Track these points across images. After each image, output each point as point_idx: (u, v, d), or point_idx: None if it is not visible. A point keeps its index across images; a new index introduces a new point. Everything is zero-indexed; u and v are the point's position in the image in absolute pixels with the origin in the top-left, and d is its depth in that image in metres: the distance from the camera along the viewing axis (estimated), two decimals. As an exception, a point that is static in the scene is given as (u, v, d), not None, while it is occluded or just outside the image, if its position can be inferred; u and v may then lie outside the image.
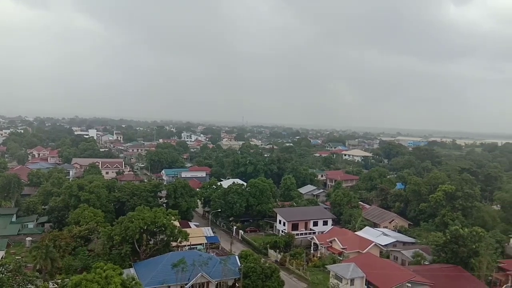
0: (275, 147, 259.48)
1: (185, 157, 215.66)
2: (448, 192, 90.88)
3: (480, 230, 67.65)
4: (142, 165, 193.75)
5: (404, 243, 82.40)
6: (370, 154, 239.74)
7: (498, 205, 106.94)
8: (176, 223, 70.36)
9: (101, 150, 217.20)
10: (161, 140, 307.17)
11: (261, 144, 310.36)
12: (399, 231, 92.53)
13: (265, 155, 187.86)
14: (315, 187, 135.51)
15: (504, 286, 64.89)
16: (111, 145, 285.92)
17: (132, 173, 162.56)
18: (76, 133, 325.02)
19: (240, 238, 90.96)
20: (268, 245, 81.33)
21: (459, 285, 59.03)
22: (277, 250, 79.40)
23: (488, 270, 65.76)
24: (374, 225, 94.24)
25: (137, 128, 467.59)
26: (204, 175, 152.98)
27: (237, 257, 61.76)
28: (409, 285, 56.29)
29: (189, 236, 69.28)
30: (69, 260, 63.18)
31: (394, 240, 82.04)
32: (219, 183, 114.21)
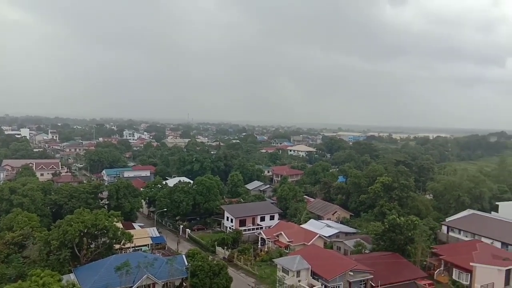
0: (221, 144, 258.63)
1: (127, 156, 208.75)
2: (385, 184, 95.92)
3: (415, 218, 72.11)
4: (81, 166, 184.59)
5: (346, 234, 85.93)
6: (314, 149, 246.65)
7: (431, 195, 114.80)
8: (119, 225, 67.86)
9: (35, 150, 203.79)
10: (101, 139, 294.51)
11: (208, 141, 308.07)
12: (341, 222, 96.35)
13: (212, 152, 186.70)
14: (262, 183, 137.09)
15: (437, 270, 69.88)
16: (46, 145, 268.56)
17: (70, 174, 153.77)
18: (6, 132, 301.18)
19: (187, 237, 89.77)
20: (216, 243, 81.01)
21: (397, 271, 62.67)
22: (225, 247, 79.34)
23: (423, 256, 70.39)
24: (318, 218, 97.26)
25: (75, 127, 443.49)
26: (149, 174, 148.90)
27: (184, 256, 60.85)
28: (352, 273, 58.83)
29: (133, 238, 67.23)
30: (1, 269, 58.53)
31: (337, 231, 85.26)
32: (164, 182, 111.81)
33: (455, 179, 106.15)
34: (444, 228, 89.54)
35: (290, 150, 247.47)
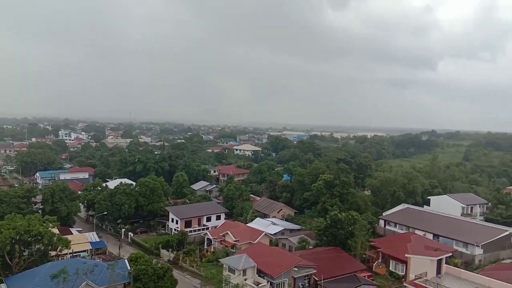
0: (166, 144, 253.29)
1: (63, 157, 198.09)
2: (327, 181, 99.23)
3: (355, 213, 75.40)
4: (12, 168, 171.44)
5: (291, 230, 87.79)
6: (260, 148, 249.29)
7: (369, 190, 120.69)
8: (55, 230, 64.00)
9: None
10: (34, 139, 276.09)
11: (151, 141, 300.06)
12: (286, 220, 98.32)
13: (156, 153, 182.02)
14: (208, 183, 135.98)
15: (376, 262, 73.63)
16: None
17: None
18: None
19: (129, 240, 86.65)
20: (160, 245, 79.06)
21: (338, 265, 65.09)
22: (170, 249, 77.71)
23: (362, 249, 73.85)
24: (264, 216, 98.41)
25: (4, 126, 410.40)
26: (87, 176, 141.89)
27: (126, 260, 58.64)
28: (296, 269, 60.20)
29: (71, 243, 63.58)
30: None
31: (282, 228, 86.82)
32: (104, 184, 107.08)
33: (391, 176, 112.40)
34: (382, 222, 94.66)
35: (236, 150, 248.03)
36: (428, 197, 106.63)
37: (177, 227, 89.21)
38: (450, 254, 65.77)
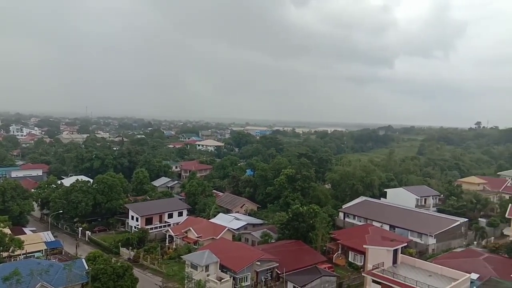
0: (125, 139, 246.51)
1: (15, 154, 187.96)
2: (289, 175, 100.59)
3: (316, 207, 76.98)
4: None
5: (254, 225, 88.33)
6: (222, 144, 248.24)
7: (329, 184, 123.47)
8: (7, 231, 60.97)
9: None
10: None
11: (109, 137, 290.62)
12: (249, 214, 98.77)
13: (114, 148, 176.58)
14: (169, 179, 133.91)
15: (336, 253, 75.66)
16: None
17: None
18: None
19: (87, 239, 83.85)
20: (119, 243, 77.06)
21: (300, 257, 66.32)
22: (130, 247, 75.91)
23: (323, 241, 75.70)
24: (227, 211, 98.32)
25: None
26: (41, 173, 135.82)
27: (83, 260, 56.69)
28: (259, 263, 60.69)
29: (24, 244, 60.99)
30: None
31: (245, 223, 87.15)
32: (59, 182, 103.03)
33: (350, 169, 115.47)
34: (341, 215, 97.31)
35: (199, 145, 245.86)
36: (385, 190, 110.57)
37: (138, 225, 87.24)
38: (406, 244, 68.66)
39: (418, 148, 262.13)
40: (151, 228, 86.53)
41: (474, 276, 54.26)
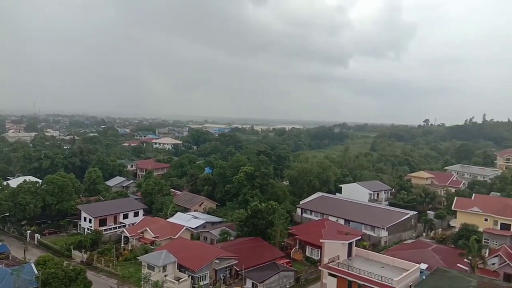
0: (76, 137, 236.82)
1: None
2: (248, 173, 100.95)
3: (274, 203, 77.89)
4: None
5: (213, 223, 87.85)
6: (180, 142, 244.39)
7: (287, 181, 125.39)
8: None
9: None
10: None
11: (60, 135, 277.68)
12: (208, 213, 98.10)
13: (65, 147, 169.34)
14: (124, 178, 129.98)
15: (294, 248, 76.96)
16: None
17: None
18: None
19: (36, 243, 79.58)
20: (71, 246, 73.89)
21: (259, 254, 66.81)
22: (83, 250, 73.02)
23: (281, 237, 76.74)
24: (186, 210, 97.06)
25: None
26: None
27: (33, 264, 53.86)
28: (217, 261, 60.50)
29: (-36, 250, 56.53)
30: None
31: (203, 221, 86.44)
32: (5, 183, 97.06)
33: (307, 166, 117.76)
34: (299, 210, 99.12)
35: (156, 143, 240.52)
36: (340, 185, 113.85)
37: (91, 226, 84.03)
38: (360, 237, 71.02)
39: (371, 145, 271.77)
40: (105, 230, 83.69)
41: (424, 266, 57.24)
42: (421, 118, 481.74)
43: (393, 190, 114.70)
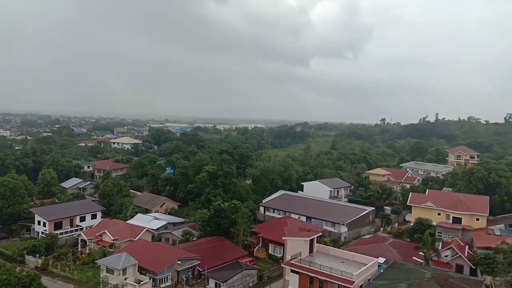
0: (29, 137, 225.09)
1: None
2: (211, 172, 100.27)
3: (237, 202, 77.89)
4: None
5: (175, 224, 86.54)
6: (140, 141, 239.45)
7: (250, 179, 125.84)
8: None
9: None
10: None
11: (11, 135, 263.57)
12: (170, 213, 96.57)
13: (17, 148, 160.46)
14: (81, 180, 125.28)
15: (257, 247, 77.29)
16: None
17: None
18: None
19: (-16, 249, 74.99)
20: (25, 251, 70.27)
21: (222, 253, 66.53)
22: (38, 255, 69.64)
23: (244, 236, 76.85)
24: (146, 211, 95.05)
25: None
26: None
27: (-20, 273, 50.61)
28: (179, 262, 59.65)
29: None
30: None
31: (165, 222, 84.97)
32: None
33: (270, 165, 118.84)
34: (262, 209, 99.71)
35: (114, 143, 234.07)
36: (302, 183, 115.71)
37: (45, 230, 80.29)
38: (321, 233, 72.66)
39: (331, 143, 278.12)
40: (61, 233, 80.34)
41: (381, 260, 59.29)
42: (379, 117, 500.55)
43: (352, 187, 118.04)
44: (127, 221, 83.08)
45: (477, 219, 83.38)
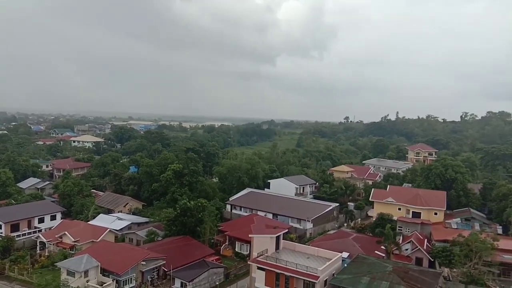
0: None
1: None
2: (176, 171, 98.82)
3: (204, 201, 77.25)
4: None
5: (139, 224, 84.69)
6: (102, 139, 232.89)
7: (217, 178, 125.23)
8: None
9: None
10: None
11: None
12: (134, 213, 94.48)
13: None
14: (39, 180, 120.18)
15: (223, 245, 77.08)
16: None
17: None
18: None
19: None
20: (-23, 256, 66.55)
21: (188, 252, 65.86)
22: (-8, 259, 66.17)
23: (211, 234, 76.49)
24: (109, 211, 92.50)
25: None
26: None
27: None
28: (144, 263, 58.51)
29: None
30: None
31: (129, 222, 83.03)
32: None
33: (236, 163, 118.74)
34: (228, 207, 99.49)
35: (74, 141, 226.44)
36: (269, 181, 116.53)
37: (1, 232, 76.33)
38: (287, 230, 73.37)
39: (297, 141, 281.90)
40: (18, 235, 76.64)
41: (345, 254, 60.81)
42: (343, 115, 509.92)
43: (317, 183, 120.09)
44: (88, 222, 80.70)
45: (435, 214, 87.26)
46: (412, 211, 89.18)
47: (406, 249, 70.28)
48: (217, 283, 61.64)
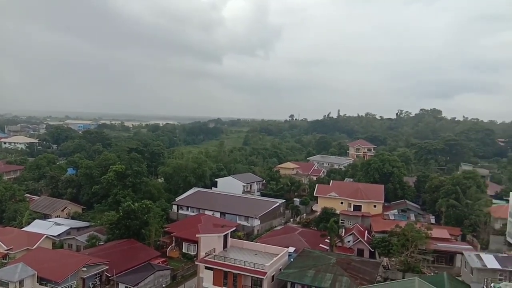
0: None
1: None
2: (119, 172, 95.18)
3: (149, 202, 75.20)
4: None
5: (79, 229, 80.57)
6: (37, 140, 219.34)
7: (162, 178, 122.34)
8: None
9: None
10: None
11: None
12: (73, 218, 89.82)
13: None
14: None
15: (170, 246, 75.53)
16: None
17: None
18: None
19: None
20: None
21: (132, 256, 63.74)
22: None
23: (157, 236, 74.65)
24: (45, 217, 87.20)
25: None
26: None
27: None
28: (85, 269, 55.79)
29: None
30: None
31: (67, 227, 78.70)
32: None
33: (182, 162, 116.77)
34: (175, 207, 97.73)
35: (5, 143, 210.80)
36: (216, 179, 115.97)
37: None
38: (234, 228, 73.61)
39: (244, 139, 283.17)
40: None
41: (291, 249, 62.21)
42: (288, 114, 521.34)
43: (264, 181, 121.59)
44: (23, 229, 75.54)
45: (375, 206, 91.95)
46: (354, 205, 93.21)
47: (349, 241, 73.37)
48: (163, 285, 60.38)
